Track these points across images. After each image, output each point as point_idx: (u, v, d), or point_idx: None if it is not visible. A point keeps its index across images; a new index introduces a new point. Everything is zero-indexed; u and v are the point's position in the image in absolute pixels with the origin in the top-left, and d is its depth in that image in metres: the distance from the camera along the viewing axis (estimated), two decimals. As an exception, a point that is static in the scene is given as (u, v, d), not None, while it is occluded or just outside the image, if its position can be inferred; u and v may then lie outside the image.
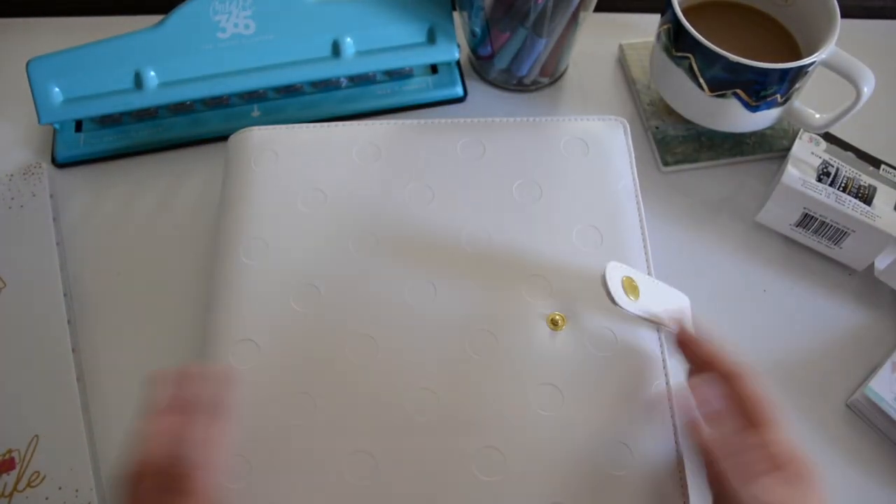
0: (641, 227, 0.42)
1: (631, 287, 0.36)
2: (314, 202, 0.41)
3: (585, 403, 0.36)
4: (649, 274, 0.40)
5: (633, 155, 0.44)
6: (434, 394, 0.36)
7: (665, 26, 0.47)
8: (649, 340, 0.38)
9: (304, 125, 0.44)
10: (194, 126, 0.51)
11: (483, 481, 0.35)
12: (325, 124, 0.45)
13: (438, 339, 0.38)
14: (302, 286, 0.39)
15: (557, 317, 0.38)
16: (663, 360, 0.38)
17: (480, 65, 0.54)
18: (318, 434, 0.36)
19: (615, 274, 0.36)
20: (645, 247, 0.41)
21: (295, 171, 0.43)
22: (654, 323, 0.37)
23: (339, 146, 0.43)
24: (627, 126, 0.45)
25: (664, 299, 0.38)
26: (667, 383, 0.37)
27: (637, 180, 0.43)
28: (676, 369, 0.38)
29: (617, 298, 0.35)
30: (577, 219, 0.41)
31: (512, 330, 0.38)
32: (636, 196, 0.43)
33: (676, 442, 0.36)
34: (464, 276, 0.39)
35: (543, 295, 0.39)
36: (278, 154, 0.43)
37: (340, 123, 0.45)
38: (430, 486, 0.35)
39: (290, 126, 0.44)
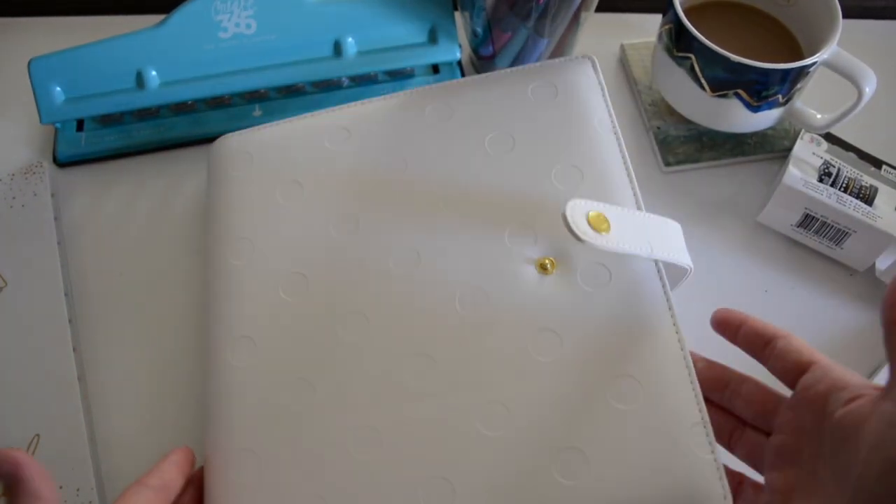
0: (624, 161, 0.40)
1: (599, 221, 0.35)
2: (292, 194, 0.42)
3: (585, 343, 0.35)
4: (638, 205, 0.39)
5: (605, 90, 0.42)
6: (431, 358, 0.36)
7: (666, 26, 0.47)
8: (647, 270, 0.37)
9: (273, 123, 0.45)
10: (196, 126, 0.51)
11: (490, 437, 0.34)
12: (293, 118, 0.45)
13: (428, 303, 0.37)
14: (289, 276, 0.39)
15: (546, 261, 0.37)
16: (664, 289, 0.36)
17: (482, 65, 0.54)
18: (321, 416, 0.36)
19: (577, 210, 0.34)
20: (630, 180, 0.39)
21: (270, 168, 0.43)
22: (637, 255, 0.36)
23: (310, 136, 0.43)
24: (596, 62, 0.43)
25: (649, 230, 0.37)
26: (669, 308, 0.36)
27: (613, 115, 0.42)
28: (677, 297, 0.37)
29: (580, 234, 0.33)
30: (554, 160, 0.40)
31: (500, 282, 0.37)
32: (614, 130, 0.41)
33: (687, 367, 0.35)
34: (445, 237, 0.39)
35: (529, 242, 0.38)
36: (252, 155, 0.43)
37: (308, 115, 0.45)
38: (437, 449, 0.34)
39: (260, 127, 0.44)
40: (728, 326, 0.36)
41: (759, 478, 0.34)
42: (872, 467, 0.26)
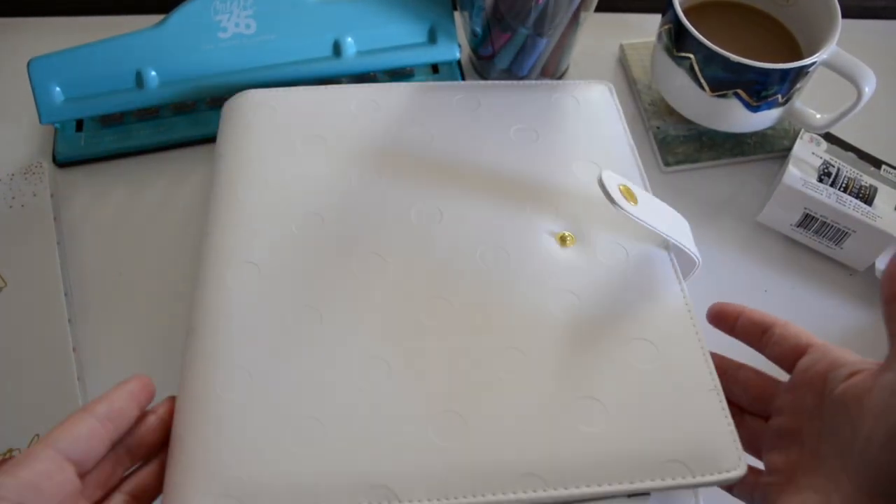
0: (639, 169, 0.42)
1: (629, 194, 0.36)
2: (314, 145, 0.42)
3: (603, 306, 0.36)
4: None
5: (620, 111, 0.45)
6: (448, 301, 0.36)
7: (666, 26, 0.47)
8: (660, 256, 0.39)
9: (300, 87, 0.45)
10: (195, 126, 0.51)
11: (505, 378, 0.34)
12: (318, 87, 0.45)
13: (448, 254, 0.38)
14: (305, 215, 0.39)
15: (567, 235, 0.38)
16: (675, 270, 0.38)
17: (481, 65, 0.54)
18: (325, 343, 0.35)
19: (612, 180, 0.36)
20: (645, 188, 0.41)
21: (293, 121, 0.43)
22: (657, 232, 0.37)
23: (337, 101, 0.44)
24: (613, 89, 0.46)
25: (664, 217, 0.38)
26: (682, 289, 0.37)
27: (627, 129, 0.44)
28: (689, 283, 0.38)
29: (616, 199, 0.35)
30: (574, 155, 0.42)
31: (522, 244, 0.38)
32: (629, 143, 0.43)
33: (700, 340, 0.36)
34: (469, 201, 0.40)
35: (551, 216, 0.39)
36: (276, 108, 0.44)
37: (336, 86, 0.45)
38: (450, 384, 0.34)
39: (286, 89, 0.45)
40: (725, 319, 0.37)
41: (756, 463, 0.34)
42: (877, 435, 0.26)
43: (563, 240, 0.38)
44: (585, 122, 0.44)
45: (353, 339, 0.35)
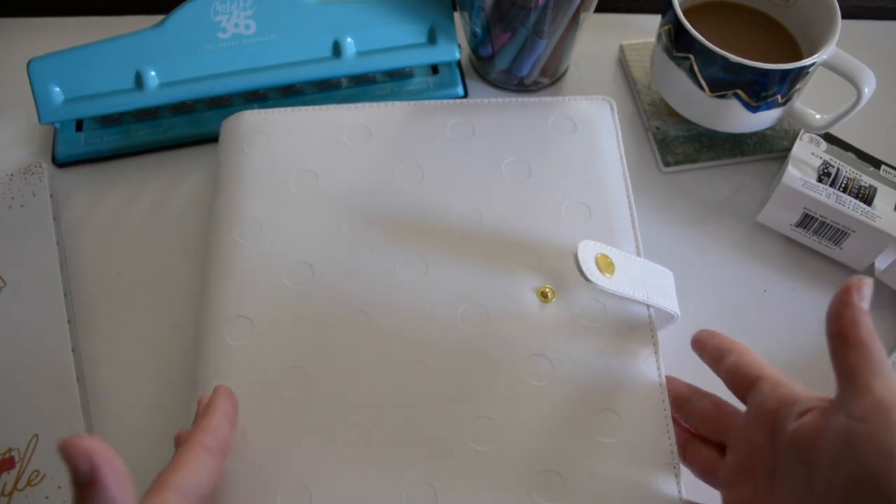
0: (629, 204, 0.42)
1: (606, 264, 0.37)
2: (306, 183, 0.42)
3: (575, 374, 0.37)
4: (638, 250, 0.40)
5: (619, 133, 0.45)
6: (426, 366, 0.37)
7: (666, 27, 0.47)
8: (639, 313, 0.38)
9: (295, 108, 0.45)
10: (195, 126, 0.51)
11: (476, 450, 0.35)
12: (316, 107, 0.45)
13: (429, 312, 0.38)
14: (295, 265, 0.40)
15: (547, 289, 0.39)
16: (652, 331, 0.38)
17: (481, 65, 0.54)
18: (313, 407, 0.36)
19: (588, 251, 0.37)
20: (633, 224, 0.41)
21: (286, 153, 0.43)
22: (634, 301, 0.38)
23: (330, 128, 0.44)
24: (614, 105, 0.46)
25: (646, 276, 0.39)
26: (655, 353, 0.37)
27: (624, 158, 0.44)
28: (664, 340, 0.38)
29: (589, 275, 0.36)
30: (565, 195, 0.42)
31: (502, 303, 0.38)
32: (624, 174, 0.43)
33: (665, 409, 0.36)
34: (454, 253, 0.40)
35: (533, 269, 0.39)
36: (270, 137, 0.44)
37: (332, 106, 0.45)
38: (423, 454, 0.35)
39: (282, 109, 0.45)
40: (698, 345, 0.36)
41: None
42: (835, 488, 0.26)
43: (543, 295, 0.38)
44: (581, 152, 0.43)
45: (337, 404, 0.36)
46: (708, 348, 0.35)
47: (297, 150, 0.43)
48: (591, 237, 0.38)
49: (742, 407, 0.33)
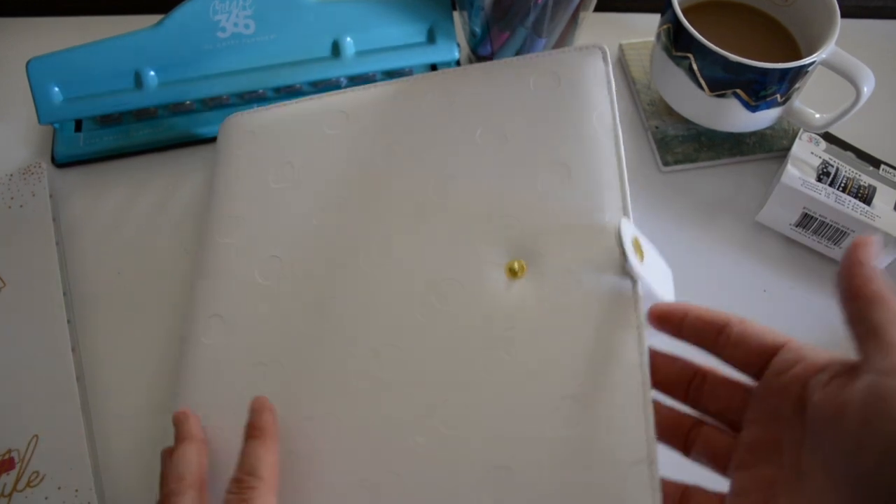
0: (618, 161, 0.37)
1: (638, 248, 0.34)
2: (283, 176, 0.42)
3: (539, 357, 0.33)
4: (625, 209, 0.36)
5: (612, 83, 0.40)
6: (399, 349, 0.36)
7: (665, 26, 0.47)
8: (619, 289, 0.34)
9: (282, 104, 0.45)
10: (194, 126, 0.51)
11: (422, 445, 0.33)
12: (301, 99, 0.45)
13: (393, 300, 0.37)
14: (265, 259, 0.40)
15: (517, 264, 0.36)
16: (637, 314, 0.33)
17: (480, 65, 0.54)
18: (278, 402, 0.36)
19: (627, 233, 0.33)
20: (621, 182, 0.37)
21: (268, 149, 0.43)
22: (651, 291, 0.34)
23: (310, 120, 0.44)
24: (607, 52, 0.41)
25: (658, 267, 0.36)
26: (638, 328, 0.33)
27: (616, 109, 0.39)
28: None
29: (631, 259, 0.32)
30: (542, 156, 0.38)
31: (466, 288, 0.36)
32: (614, 127, 0.38)
33: (643, 396, 0.31)
34: (424, 231, 0.38)
35: (504, 244, 0.37)
36: (255, 134, 0.44)
37: (315, 96, 0.45)
38: (380, 450, 0.34)
39: (270, 106, 0.45)
40: (669, 320, 0.32)
41: (712, 481, 0.31)
42: (870, 446, 0.24)
43: (512, 271, 0.36)
44: (562, 109, 0.39)
45: (303, 398, 0.36)
46: (692, 324, 0.31)
47: (278, 145, 0.43)
48: (569, 199, 0.35)
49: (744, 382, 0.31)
